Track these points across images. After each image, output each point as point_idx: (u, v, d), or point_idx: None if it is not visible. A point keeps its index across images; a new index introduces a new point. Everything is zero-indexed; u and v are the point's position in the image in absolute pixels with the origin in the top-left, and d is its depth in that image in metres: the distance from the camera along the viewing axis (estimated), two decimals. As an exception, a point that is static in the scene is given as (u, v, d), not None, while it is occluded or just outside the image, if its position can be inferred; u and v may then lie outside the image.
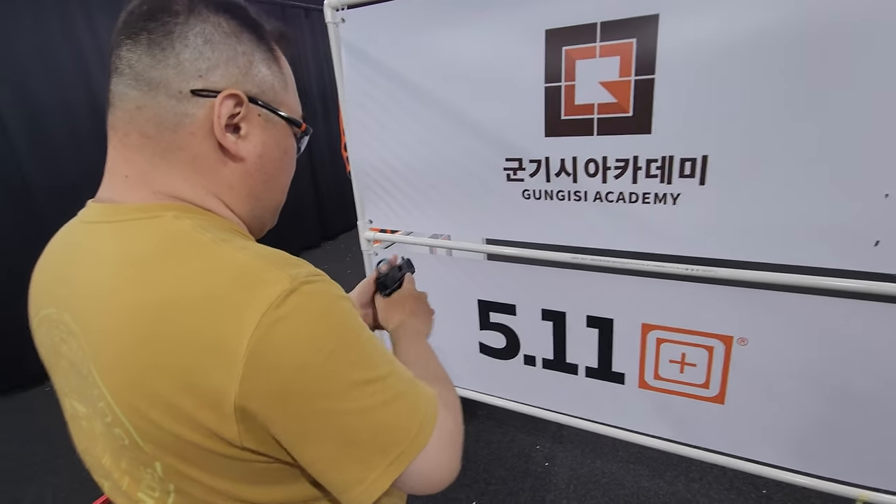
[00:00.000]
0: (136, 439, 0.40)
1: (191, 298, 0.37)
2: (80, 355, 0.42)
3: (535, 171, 1.32)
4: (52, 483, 2.01)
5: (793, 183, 1.06)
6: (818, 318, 1.16)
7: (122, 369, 0.38)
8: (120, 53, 0.43)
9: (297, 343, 0.37)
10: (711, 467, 1.85)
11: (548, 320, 1.52)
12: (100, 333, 0.39)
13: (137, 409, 0.38)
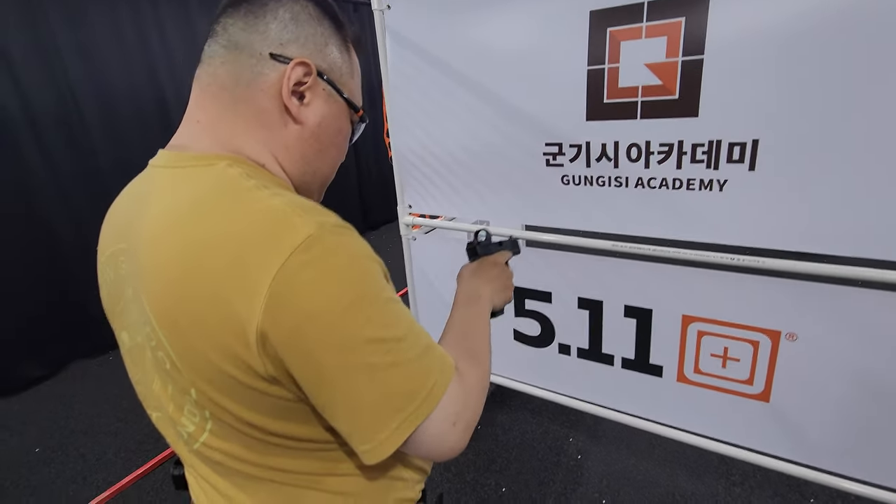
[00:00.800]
0: (175, 363, 0.44)
1: (227, 237, 0.41)
2: (136, 285, 0.46)
3: (576, 156, 1.31)
4: (113, 442, 2.18)
5: (850, 169, 1.00)
6: (876, 315, 1.08)
7: (166, 297, 0.42)
8: (220, 20, 0.50)
9: (316, 289, 0.39)
10: (754, 471, 1.77)
11: (584, 309, 1.50)
12: (152, 266, 0.44)
13: (177, 333, 0.42)
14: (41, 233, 2.68)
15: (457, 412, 0.47)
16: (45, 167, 2.64)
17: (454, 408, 0.47)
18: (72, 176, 2.74)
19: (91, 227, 2.80)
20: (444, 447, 0.47)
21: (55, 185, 2.69)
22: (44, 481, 1.98)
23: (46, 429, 2.32)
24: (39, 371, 2.70)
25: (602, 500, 1.71)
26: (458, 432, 0.47)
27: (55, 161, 2.67)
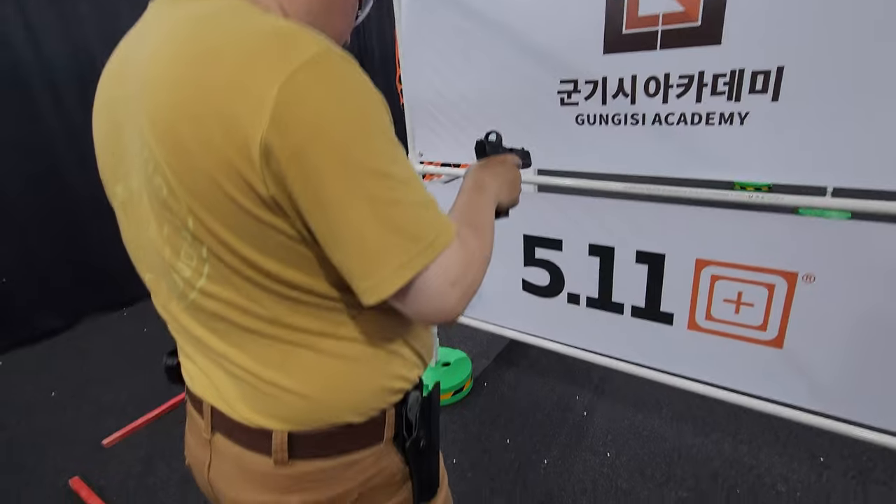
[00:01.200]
0: (173, 188, 0.42)
1: (233, 47, 0.39)
2: (135, 110, 0.45)
3: (591, 93, 1.27)
4: (125, 390, 2.22)
5: (881, 99, 0.96)
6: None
7: (168, 111, 0.41)
8: None
9: (325, 105, 0.38)
10: (763, 430, 1.76)
11: (595, 256, 1.48)
12: (153, 81, 0.42)
13: (177, 151, 0.41)
14: (59, 190, 2.70)
15: (457, 273, 0.45)
16: (61, 122, 2.65)
17: (455, 268, 0.45)
18: (87, 131, 2.76)
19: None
20: (441, 305, 0.45)
21: (71, 140, 2.71)
22: (59, 423, 2.03)
23: (62, 376, 2.37)
24: (56, 323, 2.75)
25: (607, 453, 1.71)
26: (455, 295, 0.46)
27: (70, 116, 2.69)
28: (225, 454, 0.57)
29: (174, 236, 0.46)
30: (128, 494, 1.65)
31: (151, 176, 0.44)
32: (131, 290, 3.06)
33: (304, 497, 0.53)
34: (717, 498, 1.51)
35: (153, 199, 0.46)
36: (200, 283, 0.48)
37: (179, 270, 0.48)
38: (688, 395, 1.94)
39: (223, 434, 0.56)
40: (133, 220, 0.52)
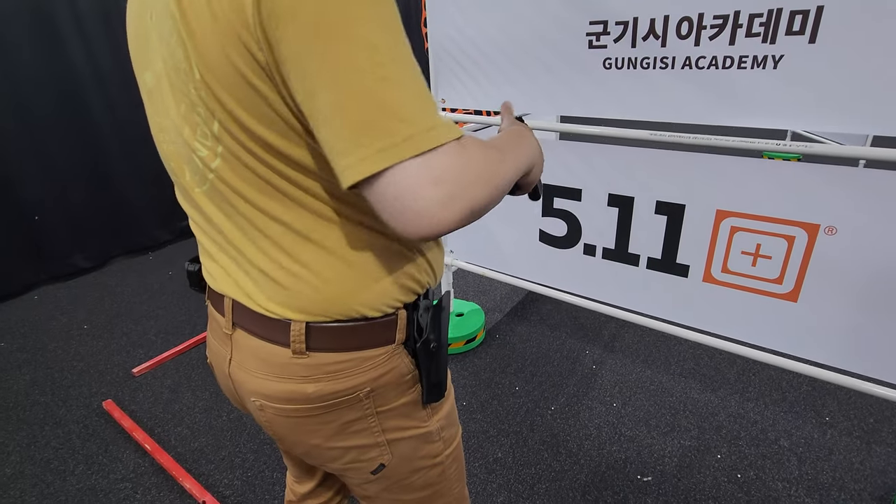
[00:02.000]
0: (190, 57, 0.44)
1: None
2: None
3: (621, 34, 1.24)
4: (153, 325, 2.33)
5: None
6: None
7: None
8: None
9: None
10: (771, 390, 1.78)
11: (614, 206, 1.47)
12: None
13: (195, 13, 0.42)
14: (91, 137, 2.76)
15: (446, 175, 0.40)
16: (88, 63, 2.68)
17: (446, 169, 0.40)
18: (117, 72, 2.79)
19: (133, 132, 2.88)
20: (418, 205, 0.40)
21: (98, 82, 2.74)
22: (92, 351, 2.15)
23: (93, 310, 2.49)
24: (86, 263, 2.86)
25: (613, 403, 1.75)
26: (438, 196, 0.40)
27: (98, 56, 2.71)
28: (245, 347, 0.59)
29: (190, 114, 0.48)
30: (156, 418, 1.76)
31: (174, 48, 0.45)
32: (157, 235, 3.16)
33: (319, 387, 0.56)
34: (719, 447, 1.55)
35: (174, 75, 0.47)
36: (215, 163, 0.49)
37: (197, 150, 0.50)
38: (697, 353, 1.96)
39: (243, 328, 0.59)
40: (158, 106, 0.54)
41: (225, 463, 1.56)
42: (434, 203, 0.40)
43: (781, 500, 1.38)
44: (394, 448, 0.62)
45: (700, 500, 1.39)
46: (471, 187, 0.42)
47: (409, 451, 0.63)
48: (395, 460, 0.63)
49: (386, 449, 0.62)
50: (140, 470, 1.55)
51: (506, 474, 1.49)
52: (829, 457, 1.51)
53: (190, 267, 0.67)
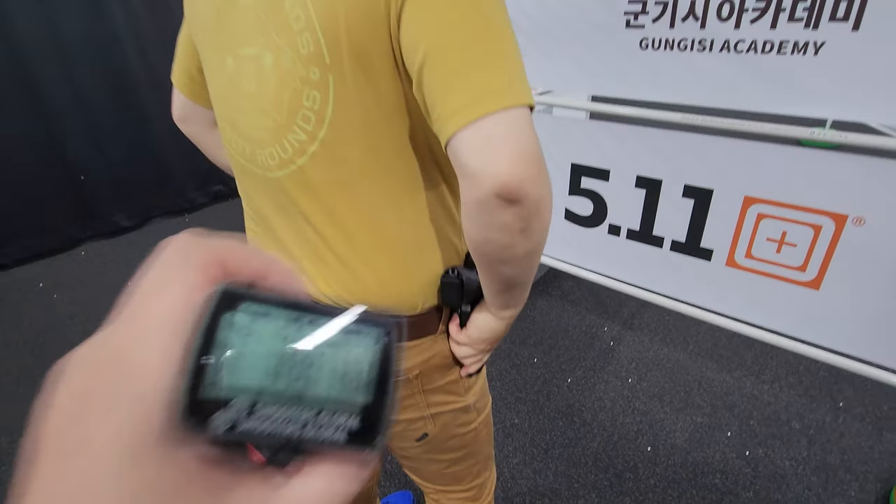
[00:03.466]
0: (319, 37, 0.48)
1: None
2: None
3: (660, 14, 1.23)
4: (191, 284, 2.47)
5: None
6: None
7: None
8: None
9: None
10: (787, 373, 1.80)
11: (641, 188, 1.49)
12: None
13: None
14: (132, 100, 2.85)
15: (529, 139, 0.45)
16: (129, 25, 2.75)
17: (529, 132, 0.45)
18: (157, 35, 2.85)
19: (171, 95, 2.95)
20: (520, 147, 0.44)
21: (139, 45, 2.81)
22: (137, 306, 2.30)
23: (137, 268, 2.63)
24: (127, 222, 3.01)
25: (629, 378, 1.81)
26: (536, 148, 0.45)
27: (138, 19, 2.77)
28: None
29: (295, 99, 0.51)
30: (198, 369, 1.90)
31: (298, 33, 0.48)
32: (193, 198, 3.29)
33: None
34: (730, 424, 1.60)
35: (285, 59, 0.50)
36: (313, 147, 0.53)
37: (294, 133, 0.53)
38: (715, 335, 1.99)
39: None
40: (238, 90, 0.56)
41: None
42: (533, 152, 0.44)
43: (788, 477, 1.43)
44: (436, 420, 0.70)
45: (707, 472, 1.46)
46: (543, 161, 0.46)
47: (449, 420, 0.71)
48: (436, 429, 0.70)
49: (430, 421, 0.69)
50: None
51: (521, 438, 1.58)
52: (840, 440, 1.54)
53: None
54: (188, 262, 0.16)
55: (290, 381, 0.16)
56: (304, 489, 0.16)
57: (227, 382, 0.15)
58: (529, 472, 1.47)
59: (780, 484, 1.42)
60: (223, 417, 0.15)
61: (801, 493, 1.39)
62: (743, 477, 1.44)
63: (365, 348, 0.17)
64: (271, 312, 0.16)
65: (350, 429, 0.16)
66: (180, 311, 0.15)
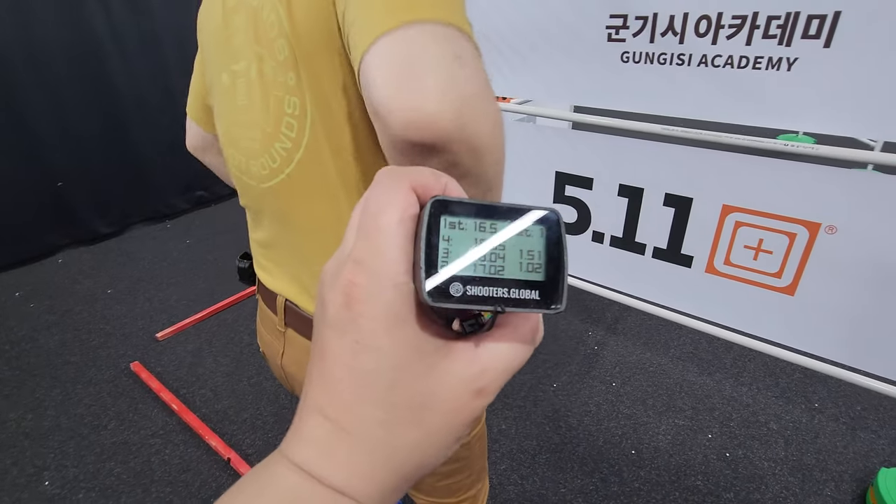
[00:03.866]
0: (292, 44, 0.47)
1: None
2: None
3: (640, 29, 1.27)
4: (175, 291, 2.43)
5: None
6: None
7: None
8: None
9: None
10: (764, 375, 1.86)
11: (624, 196, 1.52)
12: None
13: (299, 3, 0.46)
14: (112, 105, 2.80)
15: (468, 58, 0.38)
16: (108, 28, 2.70)
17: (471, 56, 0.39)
18: (137, 38, 2.81)
19: (153, 100, 2.92)
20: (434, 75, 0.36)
21: (119, 48, 2.77)
22: (116, 315, 2.26)
23: (115, 276, 2.59)
24: (106, 228, 2.95)
25: (613, 382, 1.84)
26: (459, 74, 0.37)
27: (117, 22, 2.73)
28: (298, 345, 0.65)
29: (277, 108, 0.51)
30: (181, 380, 1.87)
31: (273, 40, 0.49)
32: (174, 203, 3.24)
33: None
34: (711, 427, 1.64)
35: (267, 68, 0.50)
36: (298, 155, 0.53)
37: (280, 142, 0.53)
38: (696, 339, 2.04)
39: (295, 329, 0.64)
40: (236, 103, 0.57)
41: (247, 425, 1.68)
42: (453, 79, 0.35)
43: (766, 478, 1.48)
44: None
45: (689, 474, 1.49)
46: (485, 98, 0.38)
47: None
48: None
49: None
50: (168, 427, 1.66)
51: (509, 444, 1.59)
52: (815, 440, 1.59)
53: (241, 264, 0.72)
54: (400, 185, 0.21)
55: (490, 263, 0.21)
56: (497, 348, 0.22)
57: (451, 264, 0.20)
58: (517, 478, 1.49)
59: (759, 484, 1.45)
60: (454, 288, 0.20)
61: (779, 493, 1.43)
62: (724, 478, 1.48)
63: (538, 237, 0.22)
64: (471, 213, 0.21)
65: (534, 297, 0.21)
66: (405, 222, 0.20)
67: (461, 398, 0.21)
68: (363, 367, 0.20)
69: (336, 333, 0.20)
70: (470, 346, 0.21)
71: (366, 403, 0.20)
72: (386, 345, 0.20)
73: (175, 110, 3.08)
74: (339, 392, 0.20)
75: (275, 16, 0.48)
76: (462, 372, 0.21)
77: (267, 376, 1.87)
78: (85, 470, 1.52)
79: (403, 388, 0.20)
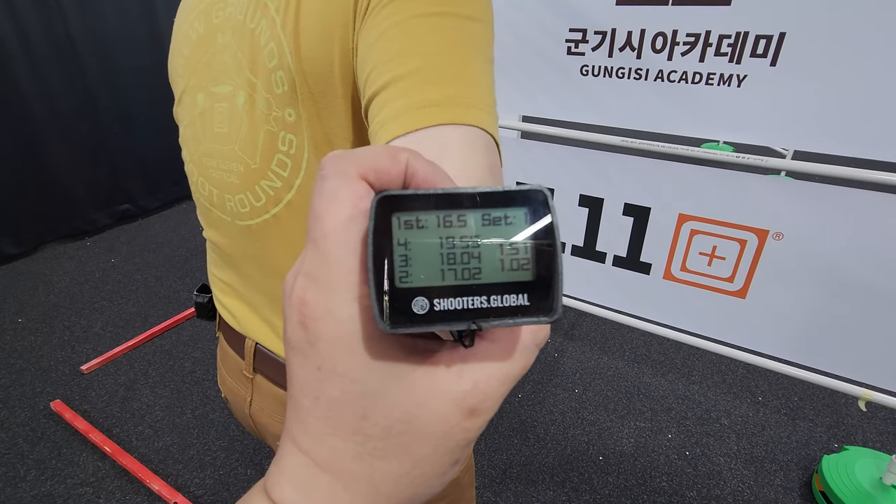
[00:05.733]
0: (293, 75, 0.42)
1: None
2: (256, 5, 0.44)
3: (599, 44, 1.29)
4: (99, 318, 2.19)
5: (871, 72, 1.04)
6: (865, 214, 1.17)
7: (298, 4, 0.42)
8: None
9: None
10: (712, 373, 1.96)
11: (584, 206, 1.55)
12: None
13: (305, 37, 0.41)
14: (19, 112, 2.49)
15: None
16: (14, 28, 2.41)
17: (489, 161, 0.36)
18: (48, 41, 2.52)
19: (68, 106, 2.64)
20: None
21: (26, 50, 2.47)
22: (30, 347, 2.00)
23: (26, 302, 2.29)
24: (13, 248, 2.62)
25: (575, 389, 1.87)
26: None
27: (26, 23, 2.44)
28: (267, 393, 0.59)
29: (269, 143, 0.46)
30: (113, 418, 1.68)
31: (272, 71, 0.44)
32: (95, 219, 2.94)
33: None
34: (669, 427, 1.70)
35: (259, 99, 0.45)
36: (289, 196, 0.48)
37: (269, 180, 0.48)
38: (648, 341, 2.12)
39: (265, 375, 0.58)
40: (209, 130, 0.51)
41: (194, 462, 1.53)
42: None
43: (723, 473, 1.54)
44: None
45: (655, 476, 1.53)
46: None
47: None
48: None
49: None
50: (100, 473, 1.48)
51: (479, 461, 1.56)
52: (762, 432, 1.69)
53: (199, 298, 0.64)
54: (346, 174, 0.17)
55: (462, 266, 0.17)
56: (490, 357, 0.18)
57: (412, 275, 0.16)
58: (490, 496, 1.46)
59: (718, 480, 1.52)
60: (418, 305, 0.16)
61: (737, 486, 1.50)
62: (686, 477, 1.53)
63: (521, 224, 0.17)
64: (430, 206, 0.17)
65: (523, 303, 0.17)
66: (356, 220, 0.17)
67: (450, 420, 0.17)
68: (328, 395, 0.17)
69: (297, 357, 0.18)
70: (456, 357, 0.18)
71: (336, 436, 0.17)
72: (351, 369, 0.17)
73: (95, 118, 2.80)
74: (308, 423, 0.18)
75: (276, 45, 0.43)
76: (448, 390, 0.17)
77: (214, 406, 1.72)
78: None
79: (378, 416, 0.17)
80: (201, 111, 0.52)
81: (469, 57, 0.37)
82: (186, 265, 2.62)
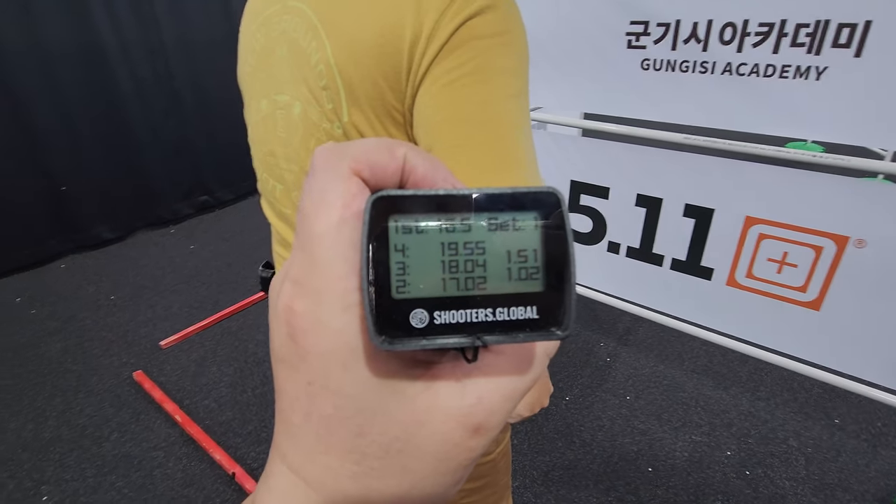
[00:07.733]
0: (340, 95, 0.47)
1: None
2: (307, 26, 0.49)
3: (662, 36, 1.24)
4: (177, 299, 2.40)
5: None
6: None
7: (347, 22, 0.46)
8: None
9: (489, 20, 0.43)
10: (782, 390, 1.81)
11: (641, 207, 1.49)
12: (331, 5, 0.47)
13: (354, 60, 0.46)
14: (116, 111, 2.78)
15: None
16: (114, 34, 2.69)
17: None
18: (142, 44, 2.79)
19: (157, 106, 2.90)
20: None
21: (124, 54, 2.75)
22: (119, 322, 2.22)
23: (118, 282, 2.55)
24: (110, 234, 2.92)
25: (626, 396, 1.80)
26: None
27: (124, 28, 2.72)
28: None
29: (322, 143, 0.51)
30: (184, 391, 1.83)
31: (321, 89, 0.48)
32: (178, 209, 3.21)
33: None
34: (728, 443, 1.60)
35: (312, 112, 0.50)
36: None
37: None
38: (710, 351, 2.00)
39: None
40: (272, 133, 0.56)
41: (252, 437, 1.64)
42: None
43: (788, 497, 1.43)
44: None
45: (709, 494, 1.44)
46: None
47: None
48: None
49: None
50: (171, 440, 1.62)
51: (521, 460, 1.55)
52: (837, 458, 1.55)
53: (264, 273, 0.70)
54: (338, 171, 0.16)
55: (466, 275, 0.15)
56: (496, 370, 0.17)
57: (410, 284, 0.15)
58: (530, 496, 1.44)
59: (781, 504, 1.41)
60: (417, 318, 0.15)
61: (803, 513, 1.38)
62: (744, 498, 1.43)
63: (531, 230, 0.16)
64: (431, 209, 0.16)
65: (531, 317, 0.16)
66: (348, 222, 0.16)
67: (452, 438, 0.16)
68: (320, 412, 0.16)
69: (287, 370, 0.17)
70: (459, 371, 0.17)
71: (330, 455, 0.16)
72: (345, 385, 0.16)
73: (179, 114, 3.06)
74: (299, 440, 0.17)
75: (324, 67, 0.48)
76: (451, 406, 0.16)
77: (272, 387, 1.82)
78: (85, 484, 1.48)
79: (375, 433, 0.16)
80: (265, 116, 0.57)
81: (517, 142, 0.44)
82: (254, 254, 2.80)
